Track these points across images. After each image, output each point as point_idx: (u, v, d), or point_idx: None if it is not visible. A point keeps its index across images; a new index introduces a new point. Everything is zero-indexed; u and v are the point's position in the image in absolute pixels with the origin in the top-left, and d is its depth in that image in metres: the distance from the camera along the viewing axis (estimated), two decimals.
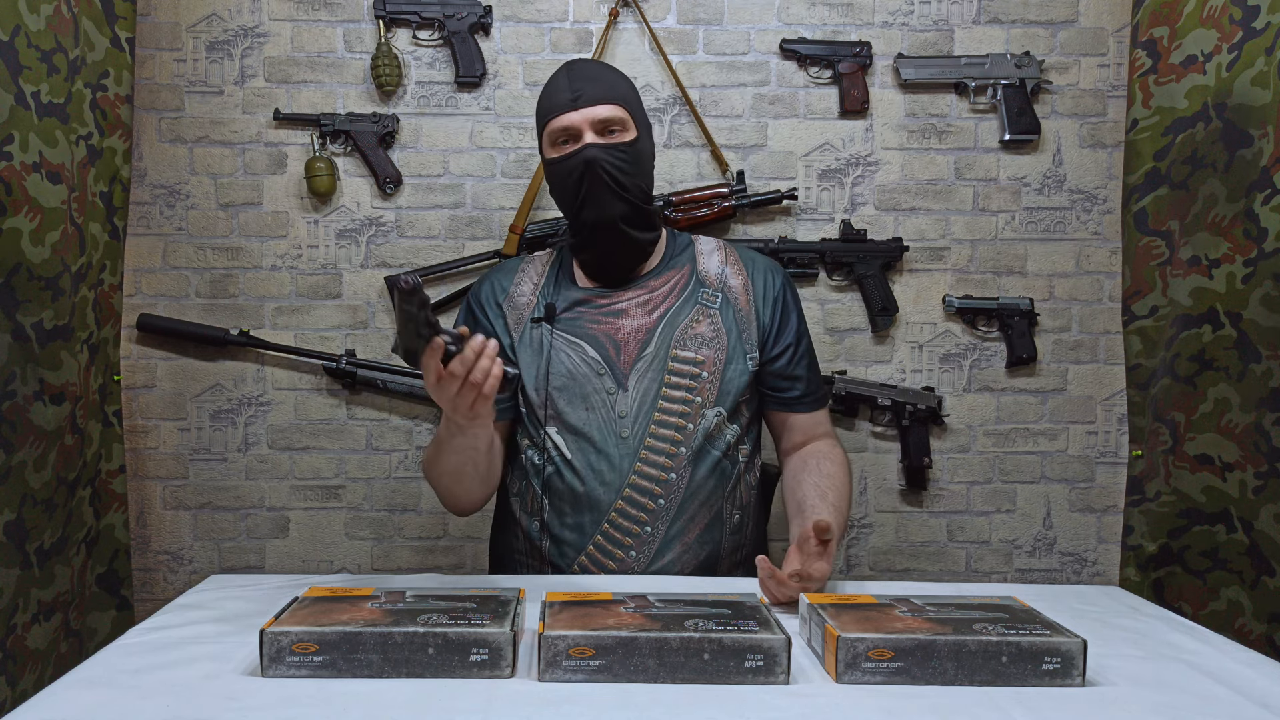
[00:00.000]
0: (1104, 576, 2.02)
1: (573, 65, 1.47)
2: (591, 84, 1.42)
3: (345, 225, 1.98)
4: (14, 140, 1.39)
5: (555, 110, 1.42)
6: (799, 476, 1.43)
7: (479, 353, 1.13)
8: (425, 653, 0.91)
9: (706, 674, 0.91)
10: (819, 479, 1.40)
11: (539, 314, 1.46)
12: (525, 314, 1.48)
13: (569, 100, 1.40)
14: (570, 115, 1.40)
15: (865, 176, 2.00)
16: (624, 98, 1.43)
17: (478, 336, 1.15)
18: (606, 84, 1.43)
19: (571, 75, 1.43)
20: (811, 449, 1.48)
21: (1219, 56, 1.54)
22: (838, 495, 1.38)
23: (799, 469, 1.45)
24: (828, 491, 1.38)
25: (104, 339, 1.78)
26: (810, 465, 1.44)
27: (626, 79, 1.48)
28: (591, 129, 1.40)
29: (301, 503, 2.01)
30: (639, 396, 1.41)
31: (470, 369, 1.13)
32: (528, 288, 1.50)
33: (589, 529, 1.40)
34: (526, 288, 1.50)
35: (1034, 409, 2.02)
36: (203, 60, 1.95)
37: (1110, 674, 0.96)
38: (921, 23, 1.98)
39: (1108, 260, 2.00)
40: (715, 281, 1.48)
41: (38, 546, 1.53)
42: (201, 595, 1.23)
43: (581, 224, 1.43)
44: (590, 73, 1.44)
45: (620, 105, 1.42)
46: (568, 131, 1.41)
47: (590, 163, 1.38)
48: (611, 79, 1.45)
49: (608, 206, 1.40)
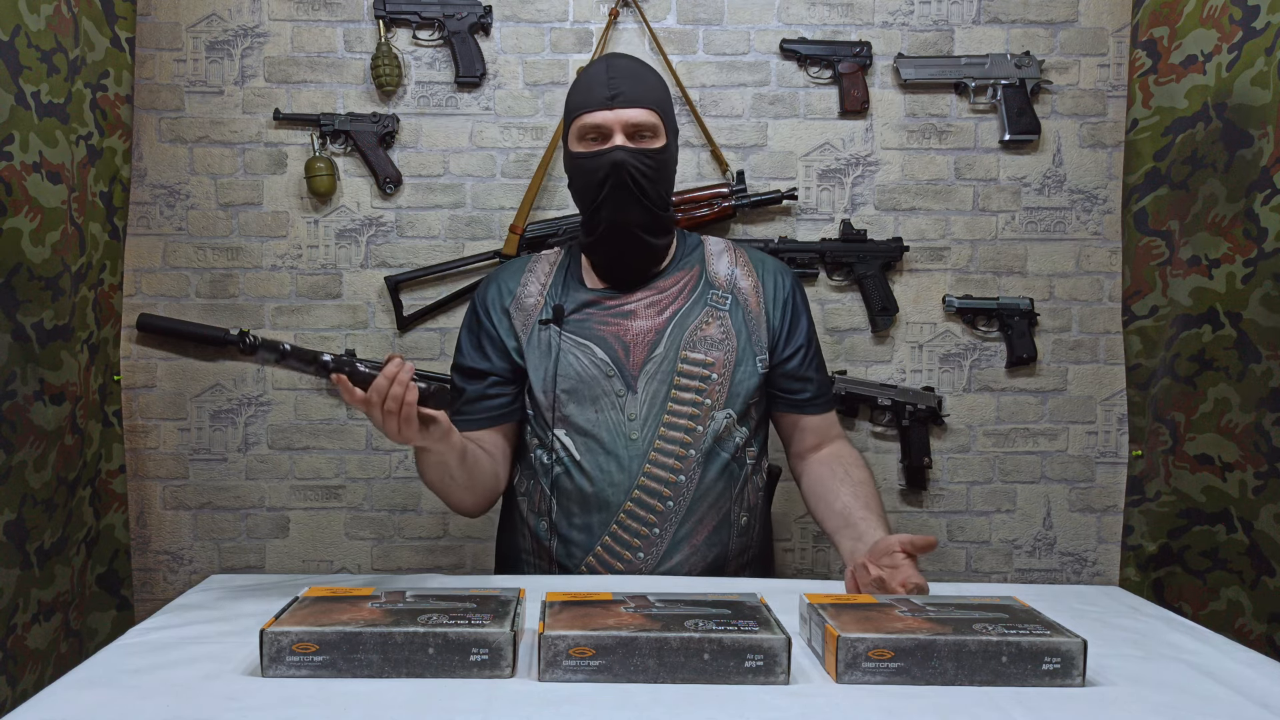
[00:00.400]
0: (1104, 576, 2.02)
1: (613, 60, 1.44)
2: (630, 84, 1.39)
3: (345, 225, 1.98)
4: (14, 140, 1.39)
5: (590, 105, 1.39)
6: (830, 485, 1.42)
7: (391, 379, 1.14)
8: (425, 653, 0.91)
9: (706, 674, 0.91)
10: (854, 487, 1.40)
11: (547, 315, 1.45)
12: (533, 315, 1.46)
13: (605, 98, 1.38)
14: (604, 114, 1.38)
15: (865, 176, 2.00)
16: (659, 103, 1.42)
17: (394, 362, 1.15)
18: (645, 86, 1.41)
19: (611, 71, 1.40)
20: (833, 454, 1.47)
21: (1219, 56, 1.54)
22: (878, 503, 1.39)
23: (828, 476, 1.44)
24: (869, 500, 1.38)
25: (104, 339, 1.78)
26: (839, 473, 1.43)
27: (663, 82, 1.46)
28: (623, 131, 1.38)
29: (301, 503, 2.01)
30: (648, 399, 1.40)
31: (384, 397, 1.14)
32: (535, 288, 1.49)
33: (597, 530, 1.40)
34: (534, 288, 1.49)
35: (1034, 409, 2.02)
36: (203, 60, 1.95)
37: (1110, 674, 0.96)
38: (921, 23, 1.98)
39: (1108, 260, 2.00)
40: (725, 283, 1.47)
41: (38, 546, 1.53)
42: (201, 595, 1.23)
43: (597, 224, 1.42)
44: (630, 71, 1.42)
45: (655, 110, 1.40)
46: (599, 129, 1.39)
47: (617, 166, 1.37)
48: (651, 81, 1.43)
49: (627, 212, 1.39)
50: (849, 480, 1.41)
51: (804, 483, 1.49)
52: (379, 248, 1.99)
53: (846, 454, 1.47)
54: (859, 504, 1.37)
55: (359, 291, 1.99)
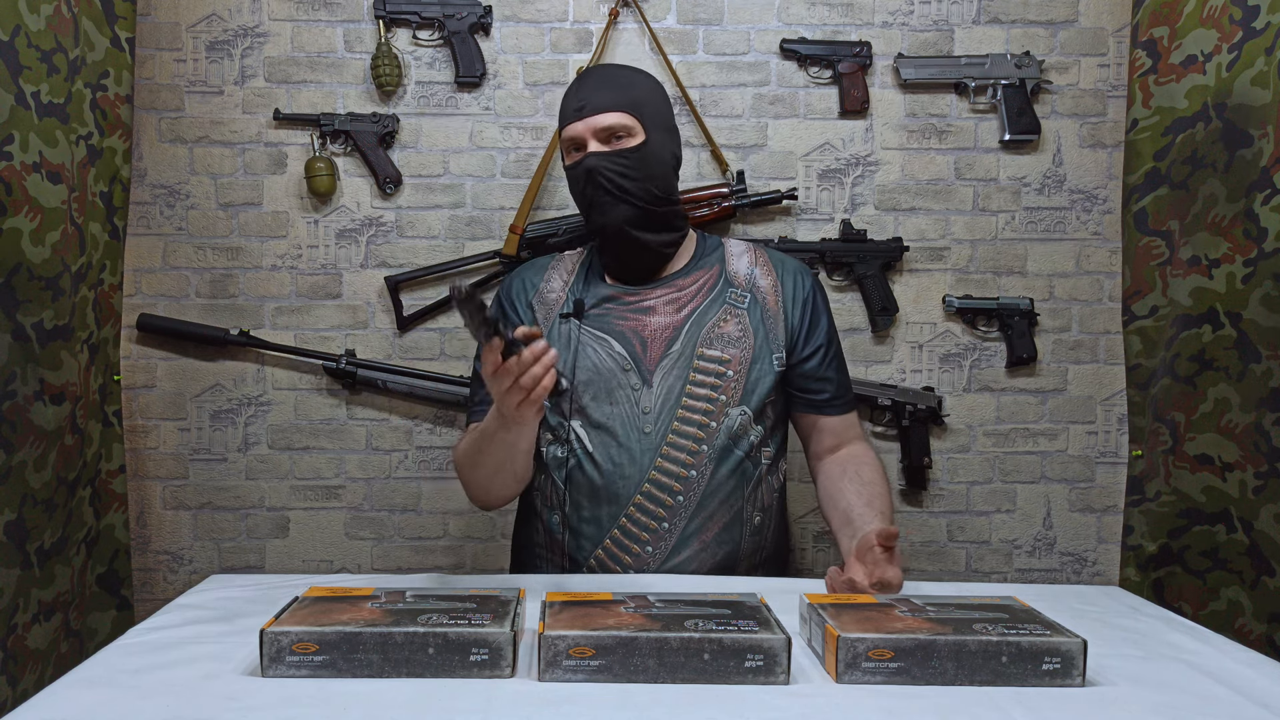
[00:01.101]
0: (1104, 576, 2.02)
1: (586, 74, 1.49)
2: (599, 93, 1.43)
3: (345, 225, 1.98)
4: (14, 140, 1.39)
5: (565, 120, 1.46)
6: (838, 484, 1.42)
7: (536, 357, 1.13)
8: (425, 653, 0.91)
9: (706, 674, 0.91)
10: (860, 486, 1.40)
11: (568, 309, 1.48)
12: (555, 309, 1.49)
13: (574, 110, 1.44)
14: (575, 125, 1.44)
15: (865, 176, 2.00)
16: (632, 102, 1.43)
17: (541, 343, 1.14)
18: (616, 90, 1.44)
19: (581, 85, 1.46)
20: (846, 454, 1.47)
21: (1219, 56, 1.54)
22: (884, 501, 1.38)
23: (837, 475, 1.44)
24: (873, 499, 1.37)
25: (104, 339, 1.78)
26: (849, 471, 1.43)
27: (645, 82, 1.48)
28: (595, 138, 1.42)
29: (301, 503, 2.01)
30: (663, 393, 1.41)
31: (523, 372, 1.13)
32: (558, 284, 1.52)
33: (606, 523, 1.40)
34: (557, 284, 1.52)
35: (1034, 409, 2.02)
36: (203, 60, 1.95)
37: (1110, 674, 0.96)
38: (921, 23, 1.98)
39: (1108, 260, 2.00)
40: (744, 282, 1.49)
41: (38, 546, 1.53)
42: (201, 595, 1.23)
43: (594, 229, 1.48)
44: (601, 80, 1.46)
45: (626, 111, 1.42)
46: (574, 141, 1.45)
47: (590, 171, 1.42)
48: (624, 83, 1.45)
49: (611, 212, 1.43)
50: (857, 479, 1.41)
51: (818, 483, 1.49)
52: (379, 248, 1.99)
53: (861, 454, 1.47)
54: (861, 502, 1.37)
55: (359, 291, 1.99)
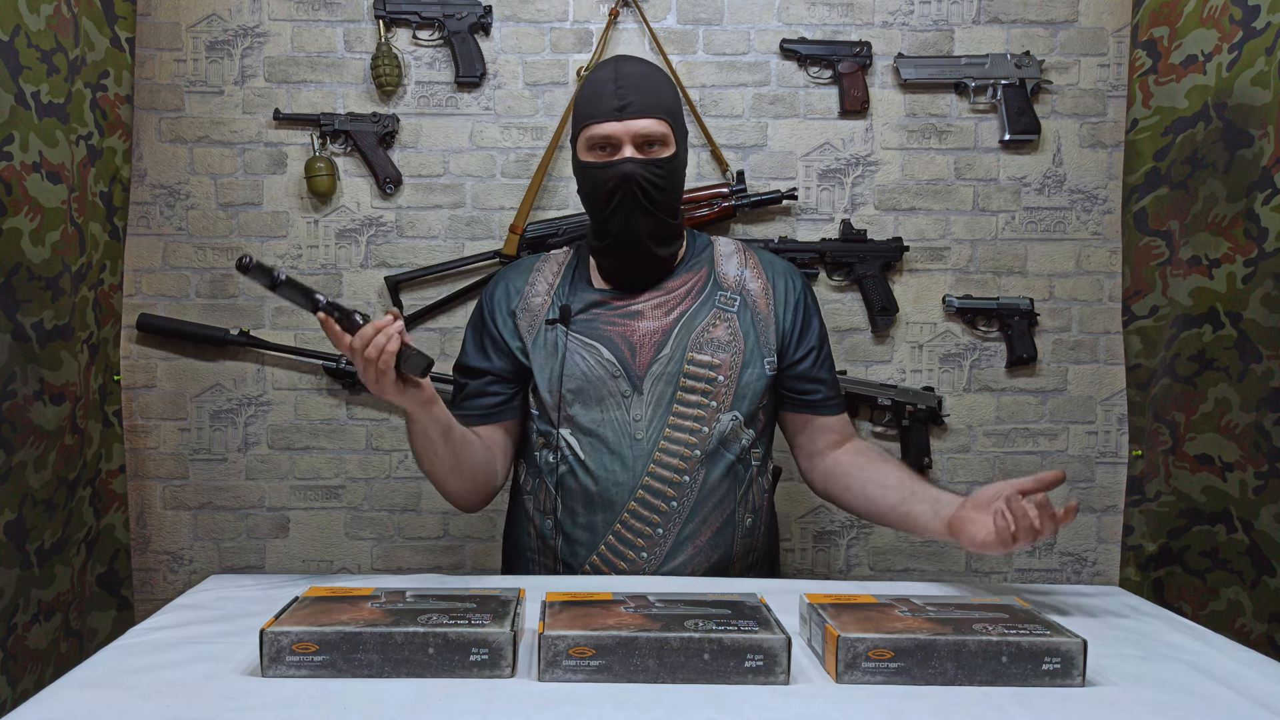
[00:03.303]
0: (1104, 576, 2.02)
1: (621, 66, 1.41)
2: (639, 93, 1.36)
3: (345, 225, 1.98)
4: (14, 140, 1.39)
5: (598, 116, 1.37)
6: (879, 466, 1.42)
7: (379, 329, 1.17)
8: (425, 653, 0.91)
9: (706, 674, 0.91)
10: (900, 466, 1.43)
11: (554, 315, 1.44)
12: (540, 315, 1.46)
13: (614, 109, 1.36)
14: (612, 125, 1.36)
15: (865, 176, 2.00)
16: (669, 110, 1.39)
17: (388, 316, 1.19)
18: (654, 94, 1.38)
19: (619, 79, 1.37)
20: (859, 445, 1.49)
21: (1219, 56, 1.54)
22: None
23: (866, 463, 1.44)
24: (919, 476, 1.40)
25: (104, 339, 1.78)
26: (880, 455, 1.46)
27: (671, 85, 1.44)
28: (632, 143, 1.36)
29: (301, 503, 2.01)
30: (654, 400, 1.40)
31: (365, 345, 1.17)
32: (543, 288, 1.48)
33: (601, 529, 1.40)
34: (541, 288, 1.48)
35: (1034, 409, 2.02)
36: (203, 60, 1.95)
37: (1110, 674, 0.96)
38: (921, 23, 1.98)
39: (1108, 260, 2.00)
40: (734, 284, 1.47)
41: (38, 546, 1.53)
42: (201, 595, 1.23)
43: (607, 233, 1.41)
44: (639, 78, 1.39)
45: (664, 119, 1.38)
46: (608, 140, 1.37)
47: (626, 178, 1.35)
48: (660, 87, 1.41)
49: (636, 222, 1.38)
50: (892, 461, 1.44)
51: (836, 474, 1.46)
52: (379, 248, 1.99)
53: (872, 447, 1.50)
54: (913, 477, 1.38)
55: (359, 291, 1.99)
